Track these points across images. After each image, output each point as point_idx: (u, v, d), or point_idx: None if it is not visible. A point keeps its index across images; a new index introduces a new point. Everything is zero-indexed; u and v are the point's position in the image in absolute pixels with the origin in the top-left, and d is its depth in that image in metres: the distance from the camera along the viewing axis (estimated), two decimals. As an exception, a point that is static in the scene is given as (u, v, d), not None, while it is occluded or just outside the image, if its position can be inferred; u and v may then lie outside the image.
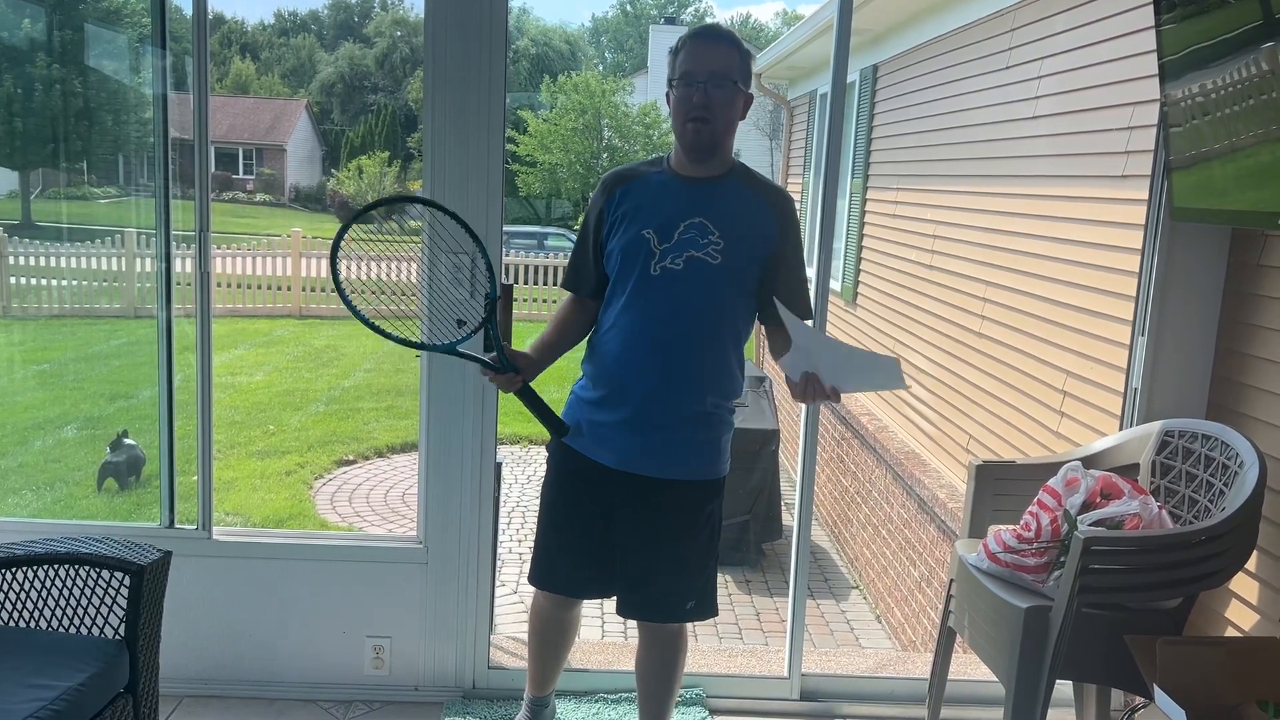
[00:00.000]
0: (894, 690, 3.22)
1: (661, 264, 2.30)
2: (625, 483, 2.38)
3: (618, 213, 2.36)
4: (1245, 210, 2.46)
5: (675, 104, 2.30)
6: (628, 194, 2.37)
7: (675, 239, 2.30)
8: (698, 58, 2.27)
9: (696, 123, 2.26)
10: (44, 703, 2.05)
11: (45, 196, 15.71)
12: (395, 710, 3.06)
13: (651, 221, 2.32)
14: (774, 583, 6.16)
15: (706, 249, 2.30)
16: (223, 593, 3.07)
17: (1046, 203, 4.37)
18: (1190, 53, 2.50)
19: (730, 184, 2.36)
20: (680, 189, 2.35)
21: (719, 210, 2.32)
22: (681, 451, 2.37)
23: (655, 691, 2.57)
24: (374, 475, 7.93)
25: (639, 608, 2.49)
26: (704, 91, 2.25)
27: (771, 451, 6.35)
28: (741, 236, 2.32)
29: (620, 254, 2.34)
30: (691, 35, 2.32)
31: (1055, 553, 2.53)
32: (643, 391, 2.34)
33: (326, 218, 29.30)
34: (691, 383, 2.34)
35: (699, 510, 2.42)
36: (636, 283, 2.32)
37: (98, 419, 8.09)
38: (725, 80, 2.26)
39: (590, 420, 2.41)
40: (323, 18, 48.66)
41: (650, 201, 2.34)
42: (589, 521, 2.45)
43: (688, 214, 2.31)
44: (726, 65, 2.27)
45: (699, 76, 2.25)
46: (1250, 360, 2.79)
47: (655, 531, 2.40)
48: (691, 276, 2.30)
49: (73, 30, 11.55)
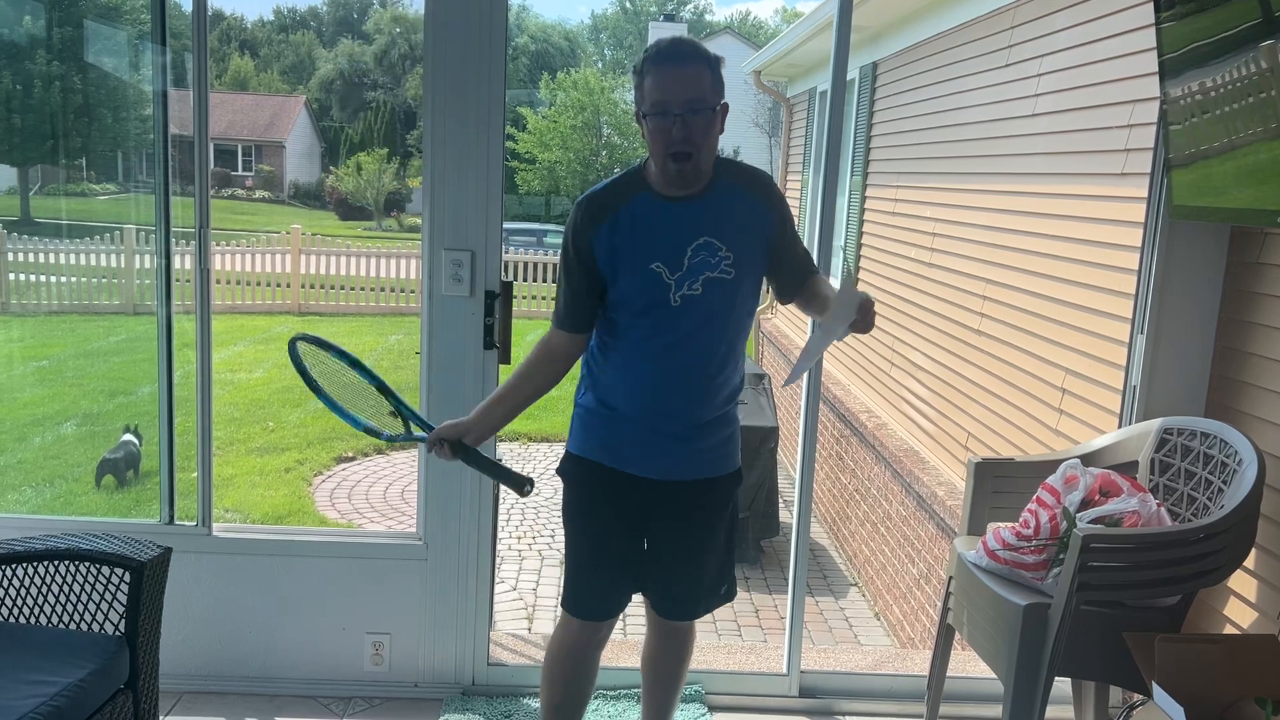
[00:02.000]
0: (893, 687, 3.22)
1: (680, 293, 2.21)
2: (667, 491, 2.35)
3: (609, 244, 2.22)
4: (1244, 208, 2.46)
5: (651, 137, 2.15)
6: (617, 226, 2.22)
7: (686, 266, 2.20)
8: (669, 86, 2.10)
9: (679, 162, 2.13)
10: (44, 698, 2.06)
11: (44, 193, 15.72)
12: (394, 707, 3.06)
13: (656, 254, 2.21)
14: (773, 580, 6.16)
15: (719, 267, 2.22)
16: (222, 589, 3.07)
17: (1046, 200, 4.37)
18: (1190, 50, 2.50)
19: (720, 189, 2.25)
20: (673, 211, 2.22)
21: (720, 223, 2.23)
22: (714, 451, 2.38)
23: (668, 684, 2.57)
24: (373, 472, 7.93)
25: (685, 607, 2.48)
26: (683, 124, 2.10)
27: (770, 449, 6.36)
28: (746, 241, 2.26)
29: (629, 291, 2.23)
30: (656, 59, 2.14)
31: (1054, 550, 2.54)
32: (678, 409, 2.30)
33: (326, 214, 29.31)
34: (721, 390, 2.34)
35: (728, 501, 2.46)
36: (657, 316, 2.23)
37: (97, 415, 8.09)
38: (703, 107, 2.11)
39: (624, 436, 2.33)
40: (322, 14, 48.65)
41: (646, 231, 2.21)
42: (631, 538, 2.40)
43: (691, 236, 2.21)
44: (700, 89, 2.12)
45: (674, 108, 2.10)
46: (1249, 358, 2.79)
47: (694, 531, 2.41)
48: (712, 298, 2.24)
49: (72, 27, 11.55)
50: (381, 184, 28.48)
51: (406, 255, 14.89)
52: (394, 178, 29.01)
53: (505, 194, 2.97)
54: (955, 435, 5.14)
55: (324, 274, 14.34)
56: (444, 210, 2.92)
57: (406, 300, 14.21)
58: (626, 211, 2.23)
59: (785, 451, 7.71)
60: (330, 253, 14.69)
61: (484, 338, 2.95)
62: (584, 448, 2.39)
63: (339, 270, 14.42)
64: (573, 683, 2.48)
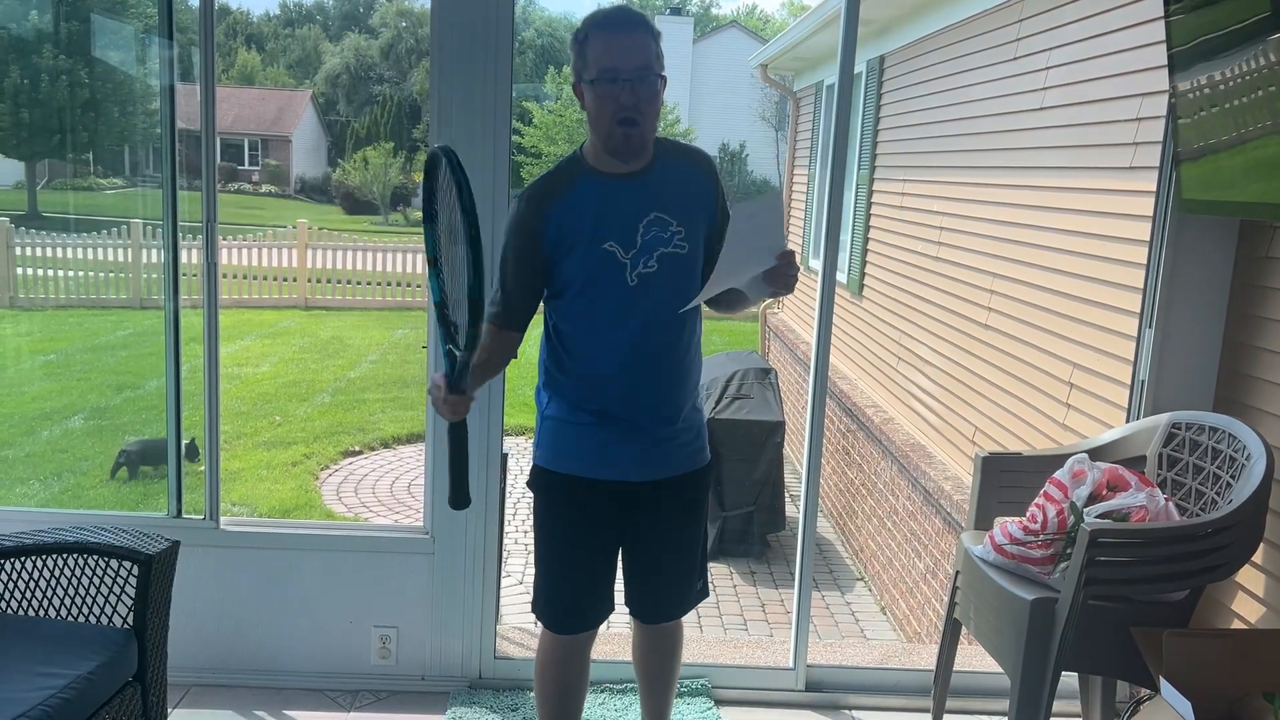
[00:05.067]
0: (899, 682, 3.22)
1: (635, 271, 2.17)
2: (646, 492, 2.31)
3: (556, 231, 2.17)
4: (1254, 202, 2.45)
5: (596, 105, 2.11)
6: (561, 208, 2.17)
7: (639, 243, 2.17)
8: (619, 52, 2.08)
9: (627, 126, 2.10)
10: (53, 691, 2.07)
11: (51, 187, 15.76)
12: (401, 700, 3.07)
13: (607, 232, 2.16)
14: (779, 574, 6.16)
15: (672, 242, 2.19)
16: (230, 582, 3.08)
17: (1054, 194, 4.36)
18: (1199, 44, 2.49)
19: (663, 165, 2.22)
20: (620, 189, 2.19)
21: (667, 196, 2.20)
22: (689, 445, 2.36)
23: (664, 679, 2.56)
24: (380, 466, 7.95)
25: (668, 608, 2.46)
26: (631, 90, 2.08)
27: (776, 443, 6.36)
28: (692, 213, 2.23)
29: (582, 275, 2.18)
30: (604, 24, 2.12)
31: (1061, 545, 2.53)
32: (650, 401, 2.27)
33: (332, 209, 29.31)
34: (688, 378, 2.32)
35: (705, 495, 2.45)
36: (614, 298, 2.18)
37: (105, 409, 8.12)
38: (649, 74, 2.10)
39: (600, 441, 2.26)
40: (328, 8, 48.64)
41: (594, 211, 2.17)
42: (609, 550, 2.37)
43: (641, 213, 2.18)
44: (647, 56, 2.10)
45: (624, 74, 2.08)
46: (1258, 353, 2.78)
47: (675, 530, 2.40)
48: (668, 275, 2.20)
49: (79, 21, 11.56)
50: (388, 178, 28.47)
51: (413, 249, 14.89)
52: (400, 172, 29.00)
53: (511, 188, 2.96)
54: (962, 429, 5.13)
55: (330, 268, 14.37)
56: (451, 204, 2.91)
57: (413, 295, 14.23)
58: (571, 195, 2.18)
59: (791, 446, 7.71)
60: (336, 247, 14.72)
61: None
62: (554, 460, 2.31)
63: (345, 265, 14.45)
64: (567, 689, 2.45)
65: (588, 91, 2.13)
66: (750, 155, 28.86)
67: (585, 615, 2.39)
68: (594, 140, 2.19)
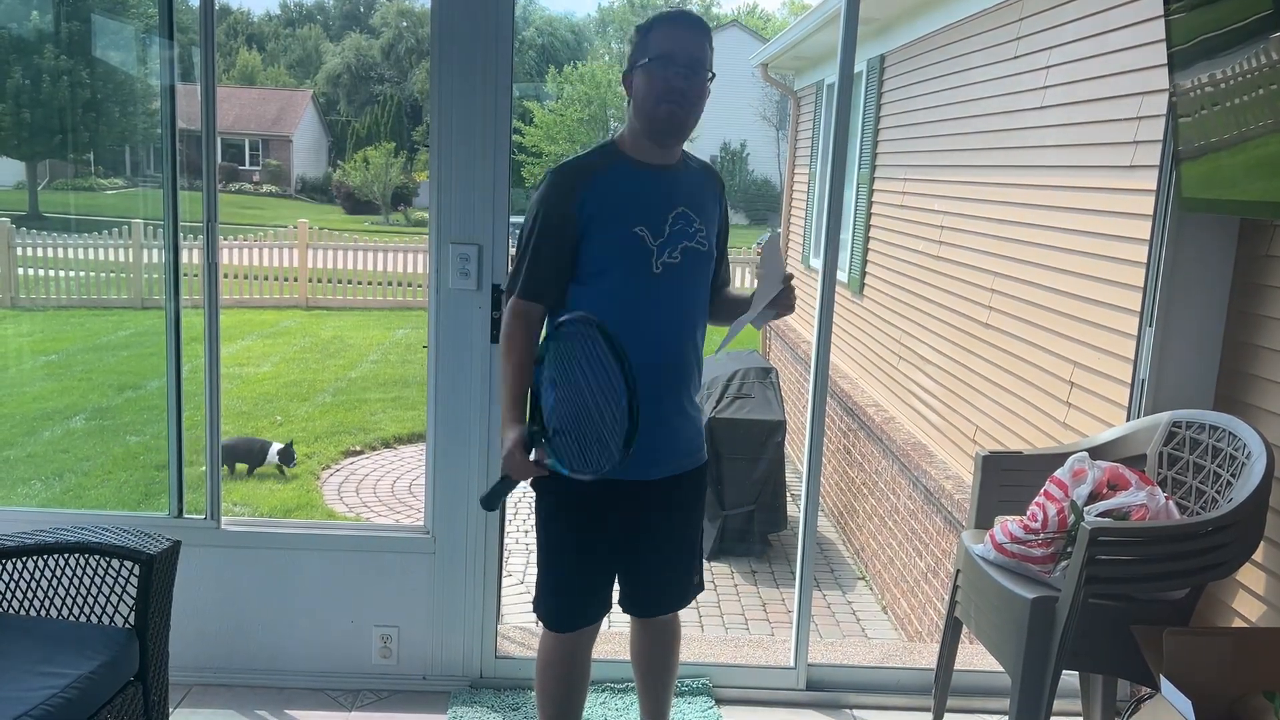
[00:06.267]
0: (900, 681, 3.22)
1: (660, 260, 2.22)
2: (655, 490, 2.32)
3: (587, 211, 2.21)
4: (1254, 200, 2.45)
5: (647, 84, 2.18)
6: (594, 190, 2.21)
7: (667, 233, 2.23)
8: (680, 41, 2.18)
9: (672, 103, 2.17)
10: (55, 690, 2.07)
11: (52, 187, 15.77)
12: (403, 699, 3.07)
13: (639, 217, 2.22)
14: (780, 573, 6.16)
15: (695, 237, 2.28)
16: (231, 582, 3.08)
17: (1054, 193, 4.36)
18: (1199, 42, 2.49)
19: (688, 167, 2.34)
20: (653, 179, 2.26)
21: (693, 195, 2.30)
22: (691, 442, 2.38)
23: (664, 675, 2.57)
24: (381, 466, 7.95)
25: (670, 601, 2.48)
26: (686, 76, 2.17)
27: (777, 443, 6.36)
28: (709, 218, 2.33)
29: (611, 256, 2.22)
30: (670, 19, 2.22)
31: (1062, 543, 2.53)
32: (663, 392, 2.27)
33: (333, 209, 29.32)
34: (695, 372, 2.35)
35: (704, 492, 2.49)
36: (637, 285, 2.22)
37: (106, 410, 8.12)
38: (703, 70, 2.20)
39: None
40: (328, 8, 48.66)
41: (627, 196, 2.22)
42: (613, 550, 2.37)
43: (670, 204, 2.25)
44: (705, 53, 2.20)
45: (680, 59, 2.17)
46: (1258, 351, 2.78)
47: (675, 525, 2.42)
48: (689, 268, 2.27)
49: (80, 21, 11.56)
50: (388, 178, 28.48)
51: (413, 249, 14.91)
52: (401, 172, 29.01)
53: (512, 188, 2.96)
54: (963, 428, 5.13)
55: (331, 268, 14.37)
56: (451, 204, 2.92)
57: (414, 294, 14.24)
58: (606, 177, 2.24)
59: (792, 445, 7.71)
60: (337, 247, 14.72)
61: (491, 331, 2.96)
62: None
63: (346, 264, 14.45)
64: (569, 688, 2.45)
65: (640, 74, 2.21)
66: (751, 154, 28.88)
67: (586, 611, 2.41)
68: (634, 125, 2.26)
